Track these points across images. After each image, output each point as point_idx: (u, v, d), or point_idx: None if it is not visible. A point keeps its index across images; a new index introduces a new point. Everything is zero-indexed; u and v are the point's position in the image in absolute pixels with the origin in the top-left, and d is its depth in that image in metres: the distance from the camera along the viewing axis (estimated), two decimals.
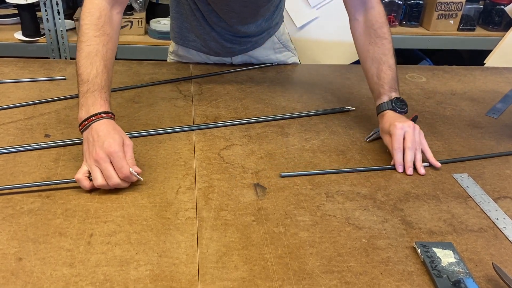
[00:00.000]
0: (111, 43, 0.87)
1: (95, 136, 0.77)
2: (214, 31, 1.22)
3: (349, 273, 0.67)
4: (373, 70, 0.98)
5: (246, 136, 1.00)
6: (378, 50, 0.97)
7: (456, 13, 2.16)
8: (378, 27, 0.98)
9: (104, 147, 0.76)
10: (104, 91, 0.83)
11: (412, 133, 0.90)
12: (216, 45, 1.26)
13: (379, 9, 1.00)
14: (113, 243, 0.68)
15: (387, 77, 0.97)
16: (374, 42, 0.98)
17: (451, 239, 0.74)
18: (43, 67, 1.26)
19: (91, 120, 0.79)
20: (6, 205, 0.74)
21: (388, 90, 0.97)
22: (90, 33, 0.85)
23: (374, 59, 0.98)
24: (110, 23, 0.88)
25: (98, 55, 0.83)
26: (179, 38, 1.29)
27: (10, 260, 0.64)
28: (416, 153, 0.91)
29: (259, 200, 0.81)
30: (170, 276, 0.64)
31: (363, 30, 1.00)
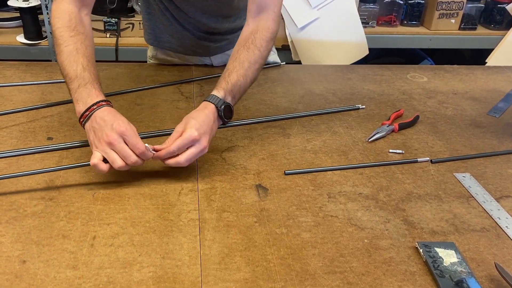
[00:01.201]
0: (88, 40, 0.88)
1: (101, 122, 0.78)
2: (185, 29, 1.21)
3: (352, 273, 0.67)
4: (229, 67, 0.93)
5: (248, 137, 1.01)
6: (246, 55, 0.94)
7: (457, 12, 2.16)
8: (259, 37, 0.96)
9: (115, 128, 0.76)
10: (96, 82, 0.83)
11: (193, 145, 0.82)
12: (190, 43, 1.25)
13: (270, 25, 0.98)
14: (116, 245, 0.69)
15: (235, 80, 0.91)
16: (247, 47, 0.95)
17: (453, 239, 0.74)
18: (45, 70, 1.27)
19: (92, 109, 0.79)
20: (9, 208, 0.75)
21: (228, 91, 0.90)
22: (65, 35, 0.86)
23: (238, 59, 0.93)
24: (82, 24, 0.90)
25: (79, 52, 0.85)
26: (154, 40, 1.29)
27: (14, 263, 0.65)
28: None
29: (261, 201, 0.81)
30: (173, 278, 0.64)
31: (246, 34, 0.98)
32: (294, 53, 2.07)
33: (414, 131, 1.08)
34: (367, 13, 2.15)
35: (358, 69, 1.42)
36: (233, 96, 0.92)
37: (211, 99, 0.88)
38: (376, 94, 1.25)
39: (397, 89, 1.30)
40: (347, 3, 2.02)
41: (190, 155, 0.81)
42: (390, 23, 2.20)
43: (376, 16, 2.18)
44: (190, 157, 0.81)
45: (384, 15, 2.20)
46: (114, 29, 1.98)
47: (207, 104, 0.87)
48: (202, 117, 0.84)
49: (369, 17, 2.16)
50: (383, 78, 1.36)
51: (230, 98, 0.91)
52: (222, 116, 0.88)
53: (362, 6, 2.13)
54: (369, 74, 1.39)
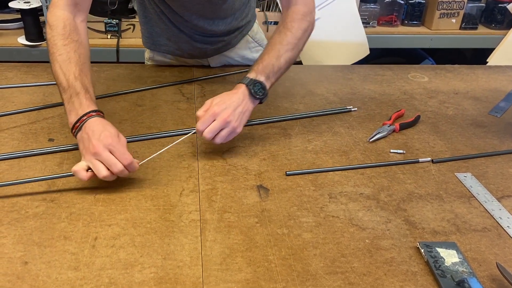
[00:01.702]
0: (82, 48, 0.88)
1: (89, 132, 0.78)
2: (182, 32, 1.21)
3: (353, 274, 0.67)
4: (264, 51, 0.97)
5: (249, 138, 1.01)
6: (278, 38, 0.98)
7: (458, 12, 2.16)
8: (290, 20, 0.99)
9: (101, 139, 0.77)
10: (88, 92, 0.84)
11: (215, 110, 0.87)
12: (187, 47, 1.25)
13: (300, 8, 1.01)
14: (117, 246, 0.69)
15: (267, 61, 0.95)
16: (279, 31, 0.99)
17: (455, 239, 0.74)
18: (46, 71, 1.27)
19: (82, 120, 0.80)
20: (11, 210, 0.75)
21: (260, 71, 0.93)
22: (59, 43, 0.86)
23: (270, 43, 0.98)
24: (76, 31, 0.90)
25: (71, 62, 0.85)
26: (151, 43, 1.29)
27: (16, 264, 0.65)
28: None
29: (262, 201, 0.81)
30: (175, 279, 0.64)
31: (280, 22, 1.02)
32: None
33: (415, 131, 1.07)
34: (367, 13, 2.15)
35: (359, 69, 1.42)
36: (267, 76, 0.94)
37: (243, 80, 0.92)
38: (377, 94, 1.25)
39: (398, 89, 1.30)
40: (348, 3, 2.02)
41: (212, 128, 0.86)
42: (391, 23, 2.20)
43: (376, 16, 2.18)
44: (213, 130, 0.86)
45: (384, 15, 2.20)
46: (115, 30, 1.98)
47: (238, 85, 0.92)
48: (228, 95, 0.89)
49: (370, 17, 2.16)
50: (384, 78, 1.36)
51: (263, 78, 0.93)
52: (253, 94, 0.91)
53: (363, 6, 2.13)
54: (370, 74, 1.39)
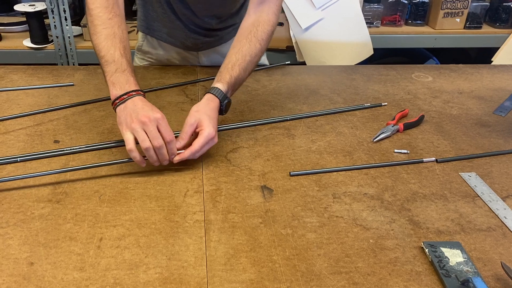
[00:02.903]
0: (123, 24, 0.91)
1: (138, 105, 0.81)
2: (179, 19, 1.21)
3: (357, 273, 0.67)
4: (232, 59, 0.96)
5: (253, 139, 1.01)
6: (248, 48, 0.97)
7: (462, 11, 2.15)
8: (261, 30, 0.99)
9: (153, 112, 0.81)
10: (132, 71, 0.87)
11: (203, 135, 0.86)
12: (181, 34, 1.24)
13: (271, 18, 1.01)
14: (122, 246, 0.69)
15: (237, 73, 0.95)
16: (249, 39, 0.98)
17: (459, 239, 0.74)
18: (52, 73, 1.28)
19: (130, 94, 0.83)
20: (17, 211, 0.75)
21: (228, 82, 0.94)
22: (104, 16, 0.88)
23: (240, 51, 0.97)
24: (117, 4, 0.92)
25: (116, 37, 0.87)
26: (145, 27, 1.28)
27: (22, 265, 0.65)
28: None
29: (266, 202, 0.81)
30: (179, 279, 0.64)
31: (248, 24, 1.00)
32: (299, 54, 2.07)
33: (419, 131, 1.07)
34: (371, 13, 2.14)
35: (362, 70, 1.42)
36: (233, 90, 0.97)
37: (216, 92, 0.92)
38: (381, 94, 1.25)
39: (402, 89, 1.29)
40: (351, 3, 2.02)
41: (204, 150, 0.87)
42: (395, 23, 2.20)
43: (380, 16, 2.17)
44: (204, 152, 0.87)
45: (388, 15, 2.19)
46: None
47: (213, 98, 0.92)
48: (212, 113, 0.89)
49: (374, 17, 2.16)
50: (387, 78, 1.36)
51: (230, 92, 0.95)
52: (223, 111, 0.93)
53: (366, 6, 2.12)
54: (373, 74, 1.38)
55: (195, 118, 0.87)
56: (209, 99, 0.91)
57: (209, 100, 0.91)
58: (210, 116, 0.88)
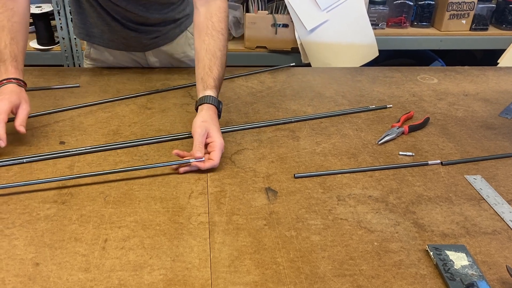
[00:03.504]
0: (16, 16, 0.96)
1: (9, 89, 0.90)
2: (114, 19, 1.19)
3: (361, 276, 0.67)
4: (205, 61, 0.97)
5: (257, 140, 1.01)
6: (214, 44, 0.98)
7: (468, 13, 2.14)
8: (217, 20, 0.99)
9: (14, 97, 0.89)
10: (15, 60, 0.94)
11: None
12: (121, 35, 1.22)
13: (220, 4, 1.01)
14: (127, 248, 0.70)
15: (217, 74, 0.97)
16: (210, 34, 0.98)
17: (464, 242, 0.74)
18: (58, 75, 1.28)
19: (2, 83, 0.91)
20: (23, 212, 0.76)
21: (215, 86, 0.96)
22: None
23: (208, 50, 0.97)
24: (12, 0, 0.96)
25: (4, 30, 0.94)
26: (85, 35, 1.26)
27: (28, 266, 0.66)
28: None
29: (271, 204, 0.81)
30: (183, 281, 0.64)
31: (202, 19, 1.00)
32: (304, 55, 2.06)
33: (424, 133, 1.07)
34: (376, 15, 2.14)
35: (367, 71, 1.42)
36: (219, 90, 0.99)
37: (212, 100, 0.94)
38: (386, 96, 1.25)
39: (407, 91, 1.29)
40: (357, 5, 2.01)
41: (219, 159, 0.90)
42: (400, 25, 2.19)
43: (385, 18, 2.17)
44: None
45: (394, 16, 2.19)
46: None
47: (211, 107, 0.94)
48: (216, 121, 0.93)
49: (379, 19, 2.15)
50: (393, 80, 1.36)
51: (217, 93, 0.97)
52: (220, 115, 0.96)
53: (372, 7, 2.12)
54: (379, 76, 1.38)
55: (205, 129, 0.89)
56: (208, 108, 0.93)
57: (209, 109, 0.93)
58: (216, 126, 0.91)
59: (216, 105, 0.95)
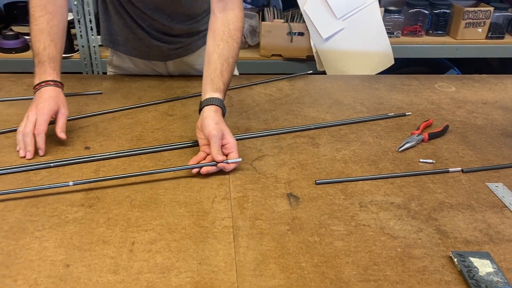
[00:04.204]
0: (55, 19, 0.99)
1: (37, 97, 0.95)
2: (139, 26, 1.22)
3: (386, 282, 0.67)
4: (217, 64, 0.99)
5: (277, 147, 1.02)
6: (228, 50, 1.00)
7: (484, 21, 2.14)
8: (233, 28, 1.01)
9: (38, 108, 0.93)
10: (53, 61, 0.97)
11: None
12: (144, 44, 1.25)
13: (238, 14, 1.03)
14: (154, 250, 0.71)
15: (227, 79, 0.99)
16: (226, 40, 1.00)
17: (488, 249, 0.74)
18: (80, 82, 1.31)
19: (40, 85, 0.96)
20: (52, 215, 0.78)
21: (224, 90, 0.99)
22: (36, 14, 0.98)
23: (222, 55, 0.99)
24: (52, 2, 1.00)
25: (44, 32, 0.97)
26: (109, 41, 1.30)
27: (59, 267, 0.67)
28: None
29: (293, 209, 0.82)
30: (210, 284, 0.66)
31: (219, 25, 1.02)
32: (319, 63, 2.08)
33: (444, 140, 1.07)
34: (392, 23, 2.15)
35: (385, 79, 1.43)
36: (225, 94, 1.01)
37: (219, 103, 0.96)
38: (404, 103, 1.25)
39: (425, 98, 1.29)
40: (372, 13, 2.02)
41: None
42: (415, 33, 2.20)
43: (401, 26, 2.17)
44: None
45: (409, 25, 2.19)
46: None
47: (219, 110, 0.96)
48: (224, 123, 0.94)
49: (394, 27, 2.16)
50: (410, 88, 1.36)
51: (224, 98, 0.99)
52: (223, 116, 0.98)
53: (387, 16, 2.13)
54: (396, 84, 1.39)
55: (220, 131, 0.91)
56: (216, 110, 0.95)
57: (217, 111, 0.95)
58: (227, 127, 0.93)
59: (223, 109, 0.97)
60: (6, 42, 2.03)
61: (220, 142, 0.90)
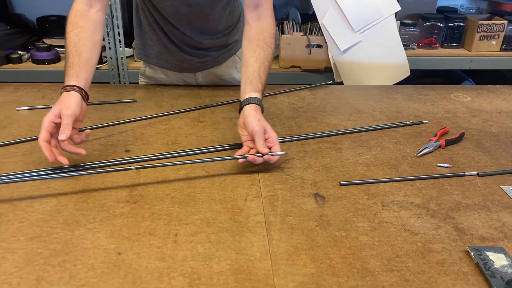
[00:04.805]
0: (85, 32, 1.06)
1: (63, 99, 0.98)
2: (172, 42, 1.31)
3: (408, 272, 0.73)
4: (255, 67, 1.07)
5: (302, 151, 1.09)
6: (264, 55, 1.09)
7: (498, 34, 2.20)
8: (268, 35, 1.10)
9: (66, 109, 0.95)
10: (76, 68, 1.01)
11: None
12: (176, 58, 1.35)
13: (271, 22, 1.13)
14: (195, 241, 0.78)
15: (264, 81, 1.08)
16: (261, 46, 1.09)
17: (503, 245, 0.80)
18: (115, 91, 1.40)
19: (65, 89, 1.00)
20: (101, 209, 0.86)
21: (262, 91, 1.07)
22: (68, 29, 1.07)
23: (258, 59, 1.08)
24: (85, 19, 1.07)
25: (71, 44, 1.04)
26: (143, 55, 1.40)
27: (111, 254, 0.75)
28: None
29: (320, 207, 0.89)
30: (248, 270, 0.72)
31: (254, 33, 1.11)
32: (337, 74, 2.15)
33: (460, 147, 1.13)
34: (407, 36, 2.22)
35: (402, 89, 1.49)
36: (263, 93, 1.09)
37: (258, 102, 1.04)
38: (422, 112, 1.32)
39: (442, 108, 1.36)
40: (388, 26, 2.10)
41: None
42: (431, 45, 2.26)
43: (416, 39, 2.24)
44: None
45: (424, 37, 2.26)
46: None
47: (259, 108, 1.04)
48: (263, 118, 1.02)
49: (410, 40, 2.23)
50: (427, 97, 1.43)
51: (262, 98, 1.07)
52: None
53: (403, 29, 2.20)
54: (413, 94, 1.45)
55: (263, 127, 0.99)
56: (256, 109, 1.03)
57: (257, 109, 1.03)
58: (267, 123, 1.01)
59: (262, 108, 1.04)
60: (39, 54, 2.15)
61: (263, 136, 0.98)
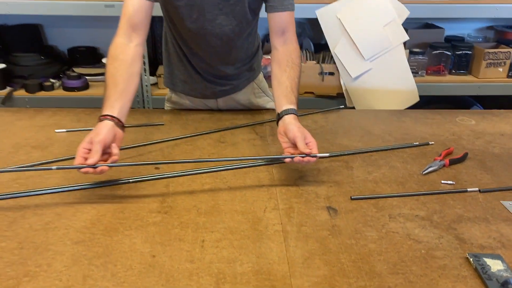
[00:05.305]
0: (123, 65, 1.15)
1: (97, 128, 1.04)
2: (197, 73, 1.44)
3: (412, 275, 0.81)
4: (287, 84, 1.19)
5: (316, 169, 1.19)
6: (294, 73, 1.21)
7: (504, 61, 2.29)
8: (295, 57, 1.24)
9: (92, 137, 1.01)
10: (111, 99, 1.10)
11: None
12: (200, 86, 1.47)
13: (296, 46, 1.26)
14: (220, 247, 0.88)
15: (296, 94, 1.19)
16: (291, 66, 1.22)
17: (500, 253, 0.87)
18: (144, 115, 1.53)
19: (99, 119, 1.07)
20: (135, 219, 0.96)
21: (296, 103, 1.17)
22: (108, 62, 1.17)
23: (289, 77, 1.20)
24: (125, 53, 1.16)
25: (110, 76, 1.13)
26: (170, 83, 1.53)
27: (147, 257, 0.85)
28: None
29: (332, 219, 0.98)
30: (268, 272, 0.81)
31: (282, 56, 1.24)
32: (348, 100, 2.26)
33: (464, 166, 1.22)
34: (416, 64, 2.33)
35: (410, 113, 1.59)
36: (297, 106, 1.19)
37: (295, 112, 1.15)
38: (428, 134, 1.41)
39: (447, 130, 1.45)
40: (398, 55, 2.21)
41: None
42: (439, 72, 2.36)
43: (425, 66, 2.35)
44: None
45: (432, 65, 2.36)
46: None
47: (296, 117, 1.14)
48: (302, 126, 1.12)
49: (419, 67, 2.34)
50: (434, 121, 1.52)
51: (297, 108, 1.17)
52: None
53: (412, 57, 2.31)
54: (421, 117, 1.55)
55: (302, 133, 1.09)
56: (295, 118, 1.14)
57: (296, 119, 1.14)
58: (306, 130, 1.11)
59: (298, 116, 1.14)
60: (69, 82, 2.31)
61: (304, 141, 1.08)
